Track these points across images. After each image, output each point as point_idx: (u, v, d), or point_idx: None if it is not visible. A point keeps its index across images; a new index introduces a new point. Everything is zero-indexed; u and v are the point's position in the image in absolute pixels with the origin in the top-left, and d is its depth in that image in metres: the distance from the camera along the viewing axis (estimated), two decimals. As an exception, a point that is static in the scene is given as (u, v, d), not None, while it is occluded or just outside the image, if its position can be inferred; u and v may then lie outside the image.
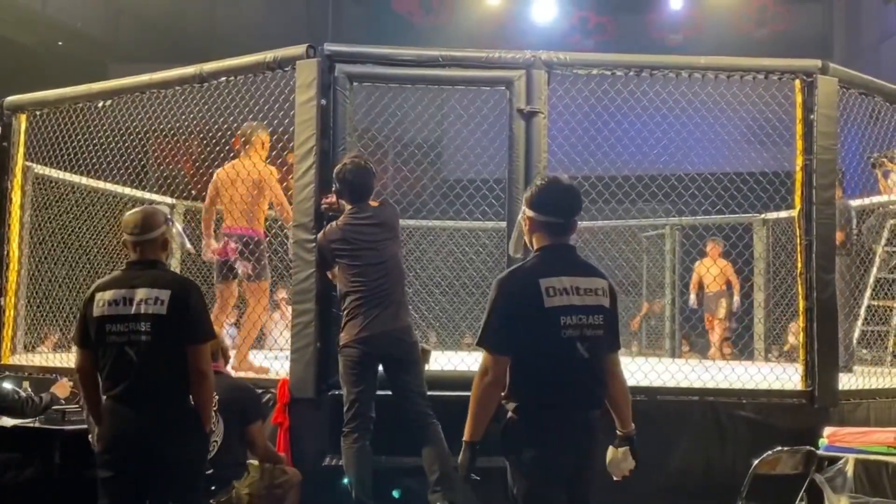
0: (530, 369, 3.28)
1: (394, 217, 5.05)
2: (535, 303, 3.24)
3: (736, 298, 9.60)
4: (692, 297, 9.83)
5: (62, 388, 5.66)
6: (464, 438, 3.36)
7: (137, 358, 3.65)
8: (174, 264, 7.69)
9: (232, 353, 6.71)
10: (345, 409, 4.77)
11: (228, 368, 5.19)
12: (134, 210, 4.00)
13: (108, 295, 3.73)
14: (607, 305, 3.38)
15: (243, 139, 6.28)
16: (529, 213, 3.45)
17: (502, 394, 3.34)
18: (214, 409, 4.25)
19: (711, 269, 9.29)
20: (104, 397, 3.77)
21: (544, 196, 3.43)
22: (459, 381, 5.12)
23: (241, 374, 5.76)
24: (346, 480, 4.82)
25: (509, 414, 3.35)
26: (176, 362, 3.69)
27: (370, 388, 4.80)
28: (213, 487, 4.45)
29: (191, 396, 3.75)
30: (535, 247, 3.45)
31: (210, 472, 4.18)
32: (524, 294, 3.26)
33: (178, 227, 4.12)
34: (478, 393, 3.30)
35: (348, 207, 4.97)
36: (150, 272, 3.78)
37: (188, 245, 5.04)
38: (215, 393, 4.23)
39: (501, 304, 3.29)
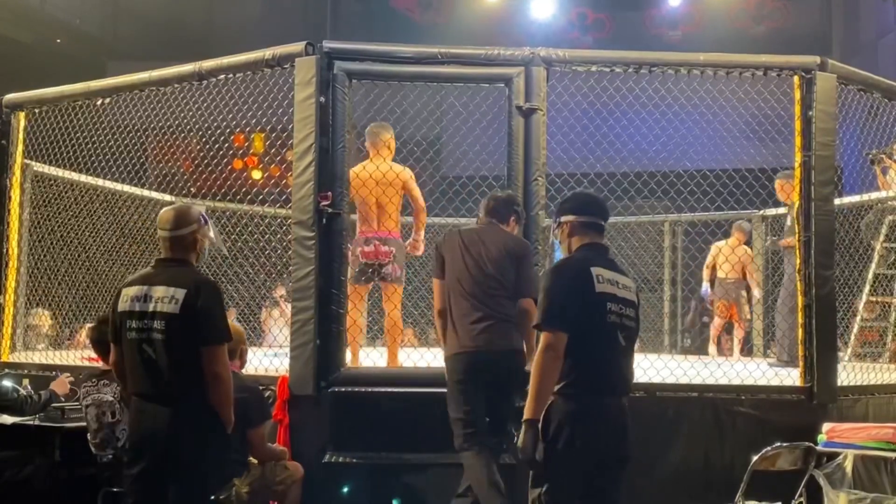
0: (577, 351, 3.44)
1: (518, 248, 4.80)
2: (588, 286, 3.47)
3: (755, 292, 9.02)
4: (705, 284, 9.22)
5: (61, 384, 5.66)
6: (525, 418, 3.41)
7: (154, 356, 3.62)
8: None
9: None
10: (453, 427, 4.60)
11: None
12: (169, 207, 3.97)
13: (131, 291, 3.71)
14: (637, 303, 3.65)
15: (370, 141, 6.12)
16: (569, 217, 3.72)
17: None
18: None
19: (730, 257, 8.73)
20: (131, 394, 3.77)
21: (584, 200, 3.82)
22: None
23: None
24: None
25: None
26: (191, 362, 3.63)
27: (478, 408, 4.60)
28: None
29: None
30: (575, 247, 3.70)
31: (125, 459, 4.20)
32: (579, 278, 3.50)
33: (213, 227, 4.06)
34: (541, 370, 3.41)
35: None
36: (173, 270, 3.73)
37: (222, 248, 4.95)
38: None
39: (559, 286, 3.51)
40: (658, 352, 8.52)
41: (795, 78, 5.55)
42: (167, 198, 8.62)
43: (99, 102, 6.46)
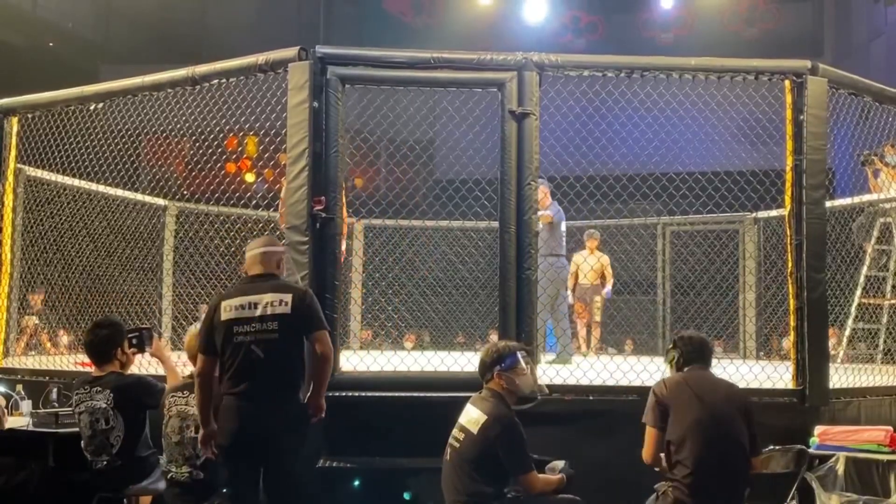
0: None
1: None
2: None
3: (607, 289, 9.60)
4: (567, 291, 9.47)
5: None
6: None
7: (264, 355, 4.16)
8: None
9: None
10: None
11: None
12: (258, 238, 4.61)
13: (234, 302, 4.27)
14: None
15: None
16: None
17: None
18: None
19: (589, 260, 9.37)
20: (224, 395, 4.21)
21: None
22: (453, 381, 5.17)
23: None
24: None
25: None
26: (295, 357, 4.26)
27: None
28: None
29: (311, 379, 4.31)
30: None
31: (201, 477, 4.57)
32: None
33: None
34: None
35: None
36: (271, 282, 4.36)
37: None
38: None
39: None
40: (652, 354, 8.53)
41: (786, 82, 5.58)
42: (160, 202, 8.63)
43: (92, 107, 6.45)
